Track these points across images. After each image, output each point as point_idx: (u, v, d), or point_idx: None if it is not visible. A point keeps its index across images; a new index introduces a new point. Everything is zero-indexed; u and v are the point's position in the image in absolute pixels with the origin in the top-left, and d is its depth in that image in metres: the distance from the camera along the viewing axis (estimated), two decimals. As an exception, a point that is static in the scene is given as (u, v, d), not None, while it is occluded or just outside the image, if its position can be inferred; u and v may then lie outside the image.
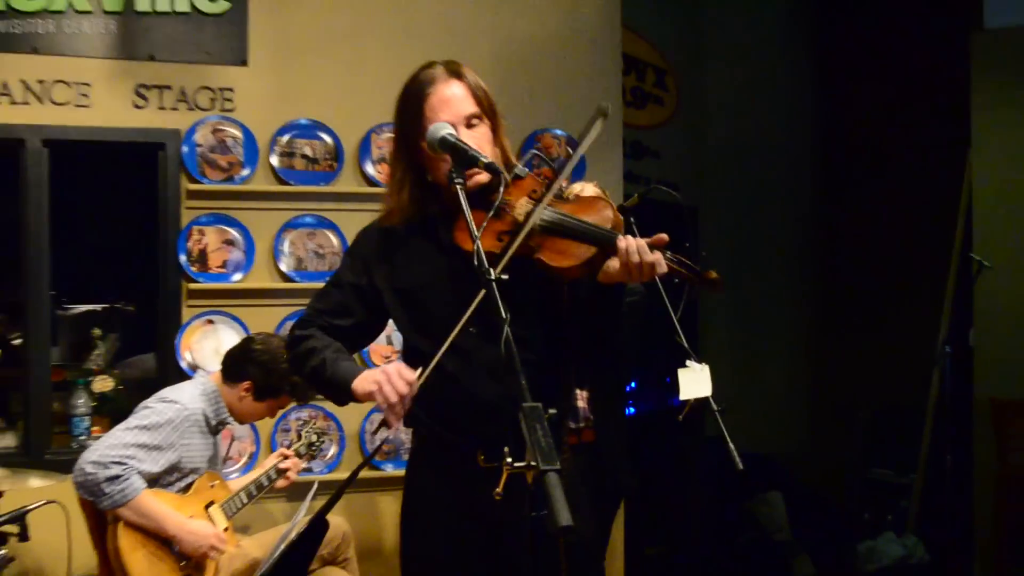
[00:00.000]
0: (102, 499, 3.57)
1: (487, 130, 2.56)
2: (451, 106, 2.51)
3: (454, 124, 2.49)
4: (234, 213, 4.76)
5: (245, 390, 3.94)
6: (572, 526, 1.79)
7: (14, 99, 4.56)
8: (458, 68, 2.58)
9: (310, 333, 2.66)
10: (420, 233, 2.59)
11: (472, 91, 2.55)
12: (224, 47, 4.78)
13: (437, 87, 2.52)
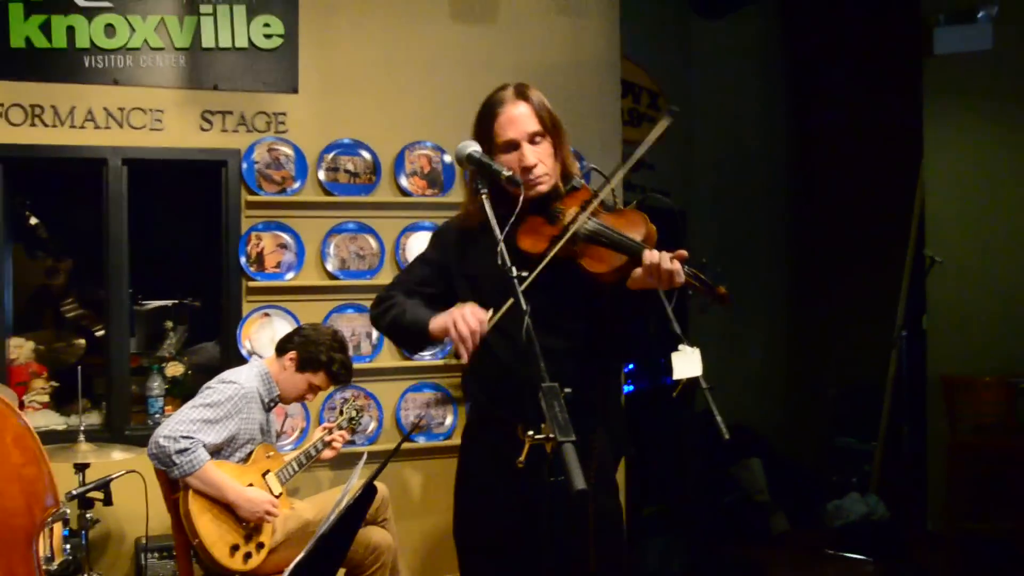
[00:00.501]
0: (172, 469, 3.59)
1: (549, 146, 2.58)
2: (517, 124, 2.54)
3: (519, 140, 2.53)
4: (287, 220, 4.79)
5: (290, 360, 3.95)
6: (586, 489, 1.82)
7: (97, 124, 4.58)
8: (525, 91, 2.60)
9: (393, 294, 2.73)
10: (486, 231, 2.51)
11: (536, 111, 2.57)
12: (278, 77, 4.81)
13: (506, 107, 2.57)
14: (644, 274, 2.37)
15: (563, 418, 1.93)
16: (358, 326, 4.80)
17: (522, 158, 2.53)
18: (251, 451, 3.85)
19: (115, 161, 4.60)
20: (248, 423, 3.83)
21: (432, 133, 4.99)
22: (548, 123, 2.58)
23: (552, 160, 2.58)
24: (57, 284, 5.87)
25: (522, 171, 2.52)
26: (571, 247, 2.48)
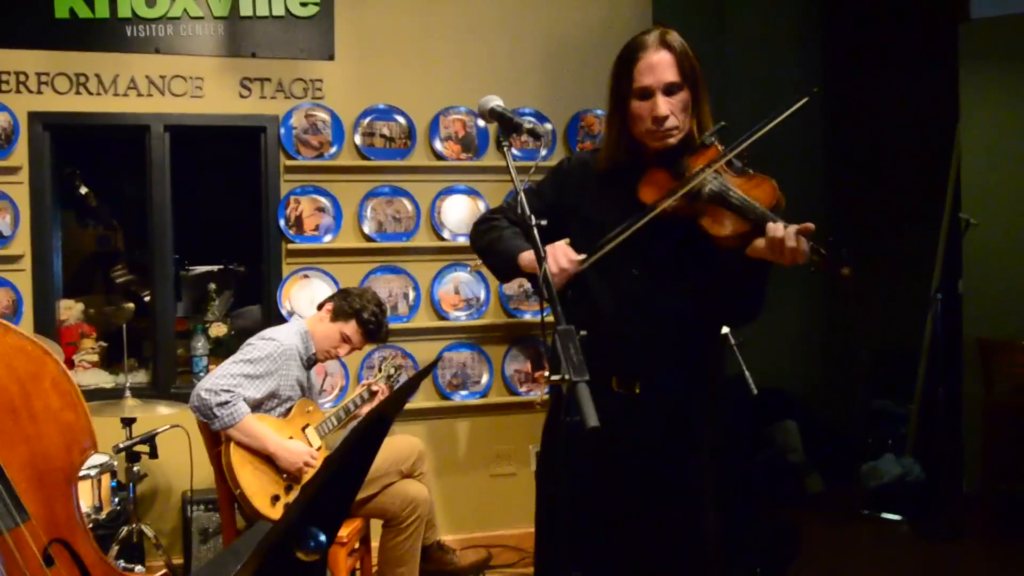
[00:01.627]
0: (214, 421, 3.61)
1: (686, 97, 2.41)
2: (655, 72, 2.38)
3: (655, 89, 2.38)
4: (324, 185, 4.81)
5: (326, 311, 3.97)
6: (599, 426, 1.81)
7: (140, 92, 4.63)
8: (669, 38, 2.42)
9: (497, 217, 2.70)
10: (616, 178, 2.51)
11: (678, 61, 2.39)
12: (314, 44, 4.82)
13: (647, 53, 2.40)
14: (766, 246, 2.25)
15: (578, 359, 1.92)
16: (395, 287, 4.82)
17: (655, 108, 2.38)
18: (291, 406, 3.88)
19: (157, 128, 4.64)
20: (287, 379, 3.85)
21: (466, 98, 4.98)
22: (689, 74, 2.40)
23: (685, 114, 2.43)
24: (107, 251, 5.96)
25: (653, 121, 2.40)
26: (693, 205, 2.37)
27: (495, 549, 4.85)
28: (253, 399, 3.71)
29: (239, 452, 3.65)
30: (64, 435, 2.17)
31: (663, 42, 2.41)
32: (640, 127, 2.44)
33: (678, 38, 2.44)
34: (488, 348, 5.02)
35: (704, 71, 2.47)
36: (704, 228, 2.38)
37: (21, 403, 2.09)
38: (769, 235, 2.24)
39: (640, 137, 2.46)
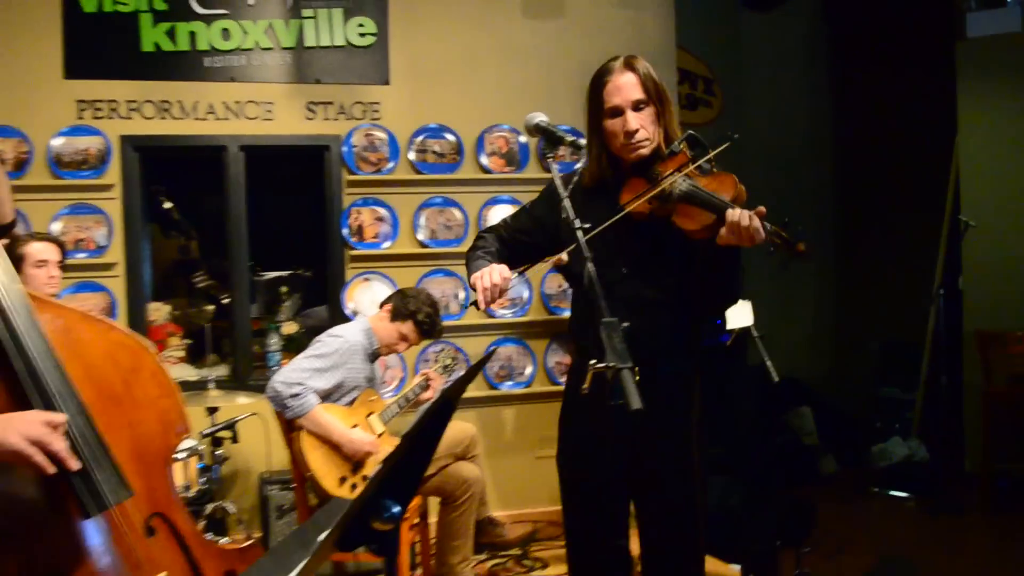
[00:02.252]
0: (287, 411, 3.63)
1: (653, 112, 2.46)
2: (622, 92, 2.44)
3: (623, 107, 2.43)
4: (382, 197, 4.84)
5: (385, 311, 3.97)
6: (643, 408, 1.81)
7: (217, 116, 4.68)
8: (633, 61, 2.48)
9: (487, 238, 2.73)
10: (601, 191, 2.53)
11: (642, 81, 2.44)
12: (371, 71, 4.85)
13: (614, 76, 2.46)
14: (728, 231, 2.27)
15: (621, 348, 1.93)
16: (447, 288, 4.84)
17: (625, 123, 2.44)
18: (356, 396, 3.90)
19: (233, 148, 4.69)
20: (353, 372, 3.86)
21: (508, 117, 4.99)
22: (652, 92, 2.45)
23: (654, 126, 2.47)
24: (187, 259, 6.01)
25: (625, 135, 2.44)
26: (666, 206, 2.40)
27: (540, 524, 4.85)
28: (322, 390, 3.72)
29: (309, 438, 3.67)
30: (161, 420, 2.20)
31: (628, 65, 2.47)
32: (615, 142, 2.48)
33: (641, 62, 2.49)
34: (531, 342, 5.02)
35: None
36: (677, 224, 2.40)
37: (124, 392, 2.12)
38: (728, 220, 2.26)
39: (617, 152, 2.50)
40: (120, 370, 2.15)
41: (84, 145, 4.53)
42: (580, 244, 2.19)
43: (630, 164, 2.51)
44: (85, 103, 4.53)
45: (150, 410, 2.18)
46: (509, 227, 2.76)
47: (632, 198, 2.45)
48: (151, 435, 2.17)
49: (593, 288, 2.08)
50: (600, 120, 2.50)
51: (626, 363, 1.88)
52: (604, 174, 2.55)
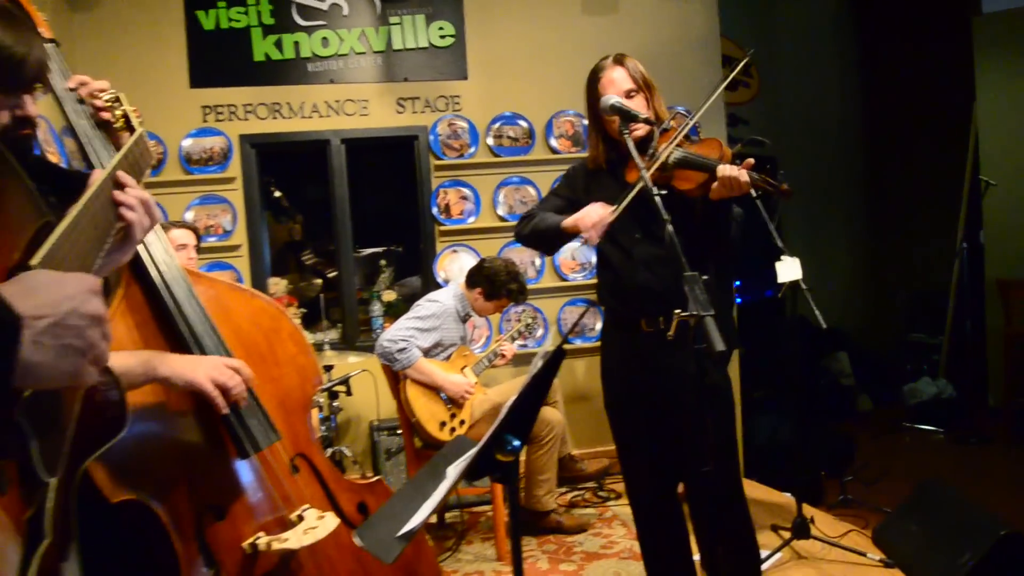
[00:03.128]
0: (394, 364, 3.68)
1: (643, 99, 2.55)
2: (615, 84, 2.53)
3: (617, 96, 2.48)
4: (466, 178, 4.83)
5: (479, 294, 3.98)
6: (726, 350, 1.78)
7: (321, 114, 4.70)
8: (622, 58, 2.59)
9: (534, 213, 2.76)
10: (607, 172, 2.59)
11: (630, 73, 2.55)
12: (452, 68, 4.82)
13: (606, 72, 2.56)
14: (720, 185, 2.33)
15: (704, 298, 1.89)
16: (525, 256, 4.81)
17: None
18: (452, 352, 3.91)
19: (336, 141, 4.70)
20: (449, 331, 3.89)
21: (573, 103, 4.92)
22: (640, 81, 2.55)
23: (647, 110, 2.53)
24: (297, 240, 6.08)
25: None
26: (665, 174, 2.45)
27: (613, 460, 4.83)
28: (424, 347, 3.75)
29: (414, 388, 3.71)
30: (299, 374, 2.21)
31: (617, 61, 2.57)
32: (613, 127, 2.50)
33: (629, 59, 2.59)
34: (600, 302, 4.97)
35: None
36: (676, 188, 2.44)
37: (267, 351, 2.13)
38: (720, 175, 2.33)
39: (616, 135, 2.51)
40: (263, 331, 2.16)
41: (209, 144, 4.58)
42: (660, 209, 2.14)
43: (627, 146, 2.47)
44: (209, 108, 4.58)
45: (290, 366, 2.19)
46: (543, 210, 2.77)
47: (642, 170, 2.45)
48: (292, 387, 2.19)
49: (674, 246, 2.04)
50: (598, 111, 2.54)
51: (708, 311, 1.84)
52: (604, 157, 2.61)
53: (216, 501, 1.96)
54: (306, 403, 2.22)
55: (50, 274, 0.83)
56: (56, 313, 0.77)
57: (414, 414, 3.67)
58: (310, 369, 2.24)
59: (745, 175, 2.31)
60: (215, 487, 1.97)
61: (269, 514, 2.00)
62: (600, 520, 4.15)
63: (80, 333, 0.79)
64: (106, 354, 0.85)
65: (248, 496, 1.99)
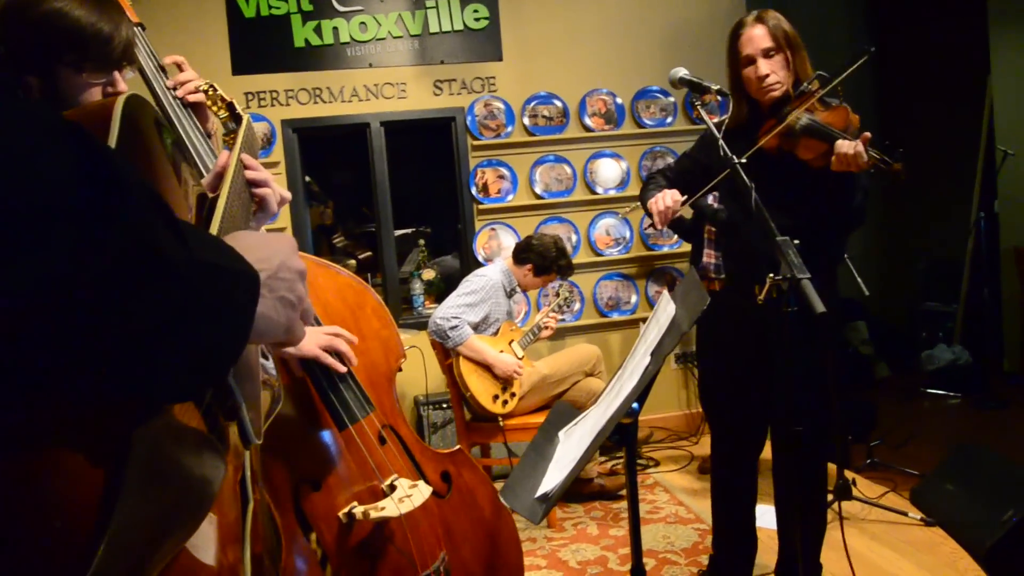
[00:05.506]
0: (447, 341, 3.67)
1: (783, 59, 2.39)
2: (754, 42, 2.39)
3: (755, 55, 2.38)
4: (502, 157, 4.77)
5: (529, 270, 3.95)
6: (827, 312, 1.75)
7: (360, 98, 4.64)
8: (763, 15, 2.43)
9: (656, 178, 2.74)
10: (743, 133, 2.47)
11: (771, 31, 2.38)
12: (487, 50, 4.76)
13: (746, 29, 2.42)
14: (836, 159, 2.25)
15: (798, 261, 1.87)
16: (561, 233, 4.75)
17: (756, 69, 2.39)
18: (499, 327, 3.90)
19: (375, 124, 4.65)
20: (496, 306, 3.87)
21: (606, 81, 4.87)
22: (782, 40, 2.39)
23: (785, 71, 2.40)
24: (328, 224, 6.06)
25: (757, 80, 2.40)
26: (791, 140, 2.36)
27: (652, 429, 4.85)
28: (473, 322, 3.74)
29: (466, 364, 3.69)
30: (384, 347, 2.20)
31: (758, 19, 2.42)
32: (751, 87, 2.44)
33: (773, 14, 2.42)
34: (634, 276, 4.94)
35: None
36: (799, 156, 2.36)
37: (353, 325, 2.12)
38: (835, 150, 2.24)
39: (753, 95, 2.45)
40: (349, 307, 2.15)
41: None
42: (742, 176, 2.12)
43: (766, 107, 2.45)
44: (251, 94, 4.53)
45: (375, 339, 2.18)
46: (672, 169, 2.77)
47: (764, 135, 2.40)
48: (377, 360, 2.18)
49: (761, 211, 2.01)
50: (738, 68, 2.45)
51: (804, 274, 1.82)
52: (743, 117, 2.50)
53: (312, 473, 1.95)
54: (390, 376, 2.21)
55: (255, 234, 0.82)
56: (270, 267, 0.77)
57: (468, 388, 3.66)
58: (393, 342, 2.23)
59: (863, 152, 2.21)
60: (311, 460, 1.97)
61: (362, 484, 2.00)
62: (643, 487, 4.14)
63: (292, 286, 0.79)
64: (312, 309, 0.84)
65: (342, 467, 1.98)
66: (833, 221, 2.48)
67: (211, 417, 0.77)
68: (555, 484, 1.24)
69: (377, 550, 1.97)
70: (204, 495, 0.70)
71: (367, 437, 2.02)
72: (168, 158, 1.00)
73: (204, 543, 0.74)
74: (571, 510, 3.90)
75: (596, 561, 3.30)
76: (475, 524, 2.23)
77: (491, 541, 2.27)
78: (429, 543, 2.04)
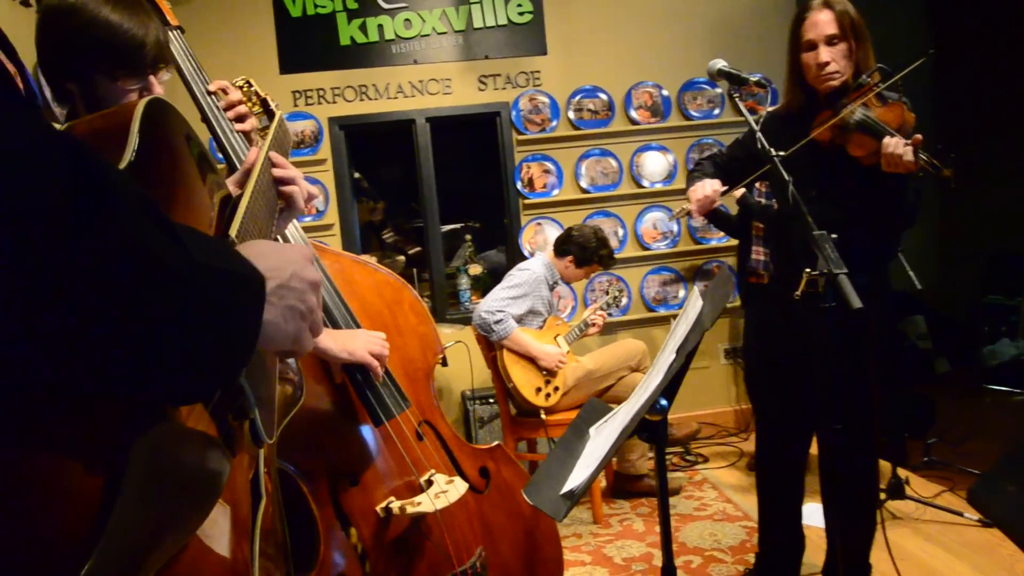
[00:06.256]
0: (492, 335, 3.65)
1: (846, 48, 2.29)
2: (817, 27, 2.29)
3: (817, 41, 2.29)
4: (548, 152, 4.76)
5: (570, 261, 3.93)
6: (863, 307, 1.70)
7: (405, 94, 4.67)
8: (832, 0, 2.31)
9: (704, 163, 2.69)
10: (795, 122, 2.41)
11: (837, 17, 2.28)
12: (531, 44, 4.74)
13: (812, 13, 2.32)
14: (884, 160, 2.16)
15: (835, 256, 1.82)
16: (607, 227, 4.72)
17: (817, 56, 2.30)
18: (544, 320, 3.88)
19: (421, 120, 4.67)
20: (539, 299, 3.86)
21: (651, 74, 4.81)
22: (848, 28, 2.28)
23: (846, 61, 2.30)
24: (377, 220, 6.11)
25: (817, 67, 2.31)
26: (844, 135, 2.28)
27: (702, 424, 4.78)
28: (517, 315, 3.73)
29: (510, 356, 3.69)
30: (421, 343, 2.20)
31: (826, 3, 2.30)
32: (809, 74, 2.35)
33: (841, 0, 2.31)
34: (682, 270, 4.88)
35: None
36: (849, 152, 2.28)
37: (391, 321, 2.13)
38: (882, 149, 2.17)
39: (811, 83, 2.36)
40: (386, 303, 2.16)
41: (301, 128, 4.60)
42: (780, 171, 2.06)
43: (823, 96, 2.36)
44: (299, 92, 4.58)
45: (412, 335, 2.18)
46: (723, 154, 2.71)
47: (817, 126, 2.32)
48: (414, 356, 2.18)
49: (798, 206, 1.95)
50: (798, 53, 2.35)
51: (841, 269, 1.77)
52: (798, 104, 2.42)
53: (350, 468, 1.97)
54: (428, 371, 2.21)
55: (269, 243, 0.82)
56: (281, 276, 0.77)
57: (511, 380, 3.65)
58: (431, 338, 2.23)
59: (910, 155, 2.13)
60: (349, 455, 1.98)
61: (399, 479, 2.00)
62: (691, 483, 4.09)
63: (302, 296, 0.79)
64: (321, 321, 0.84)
65: (380, 463, 1.99)
66: (883, 219, 2.40)
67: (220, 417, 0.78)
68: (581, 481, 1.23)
69: (414, 545, 1.98)
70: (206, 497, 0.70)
71: (403, 433, 2.03)
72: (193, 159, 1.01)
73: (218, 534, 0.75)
74: (618, 506, 3.87)
75: (641, 558, 3.27)
76: (513, 520, 2.23)
77: (530, 537, 2.26)
78: (465, 539, 2.04)
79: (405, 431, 2.03)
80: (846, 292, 1.72)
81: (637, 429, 1.50)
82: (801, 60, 2.35)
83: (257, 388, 0.86)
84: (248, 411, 0.84)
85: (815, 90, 2.37)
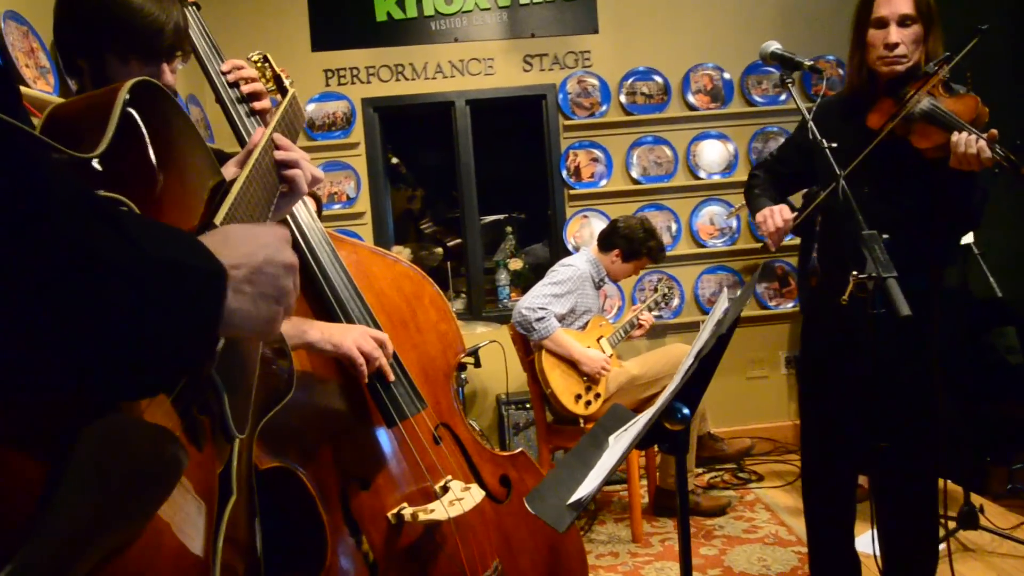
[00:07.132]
0: (532, 333, 3.66)
1: (919, 31, 2.27)
2: (891, 4, 2.26)
3: (889, 19, 2.26)
4: (596, 139, 4.77)
5: (616, 255, 3.93)
6: (911, 315, 1.70)
7: (444, 75, 4.72)
8: None
9: (759, 175, 2.69)
10: (852, 109, 2.39)
11: None
12: (581, 21, 4.75)
13: None
14: (955, 154, 2.13)
15: (884, 258, 1.81)
16: (659, 221, 4.72)
17: (887, 36, 2.27)
18: (588, 321, 3.89)
19: (460, 103, 4.72)
20: (583, 298, 3.87)
21: (712, 55, 4.79)
22: (924, 10, 2.26)
23: (915, 45, 2.28)
24: (415, 208, 6.18)
25: (884, 47, 2.28)
26: (908, 125, 2.26)
27: (756, 440, 4.74)
28: (559, 314, 3.74)
29: (549, 359, 3.69)
30: (441, 341, 2.24)
31: None
32: (873, 54, 2.32)
33: None
34: (741, 270, 4.85)
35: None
36: (912, 143, 2.26)
37: (410, 317, 2.17)
38: (952, 142, 2.14)
39: (872, 64, 2.34)
40: (405, 297, 2.20)
41: (332, 109, 4.68)
42: (831, 162, 2.05)
43: (884, 81, 2.34)
44: (331, 71, 4.67)
45: (432, 332, 2.22)
46: (776, 159, 2.71)
47: (884, 120, 2.30)
48: (434, 354, 2.22)
49: (849, 203, 1.95)
50: (865, 28, 2.33)
51: (890, 272, 1.76)
52: (859, 85, 2.39)
53: (361, 471, 2.02)
54: (448, 372, 2.25)
55: (244, 226, 0.87)
56: (252, 262, 0.81)
57: (548, 385, 3.66)
58: (452, 336, 2.27)
59: (987, 150, 2.10)
60: (360, 457, 2.03)
61: (413, 484, 2.05)
62: (741, 503, 4.08)
63: (275, 281, 0.83)
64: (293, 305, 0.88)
65: (392, 466, 2.04)
66: (943, 219, 2.37)
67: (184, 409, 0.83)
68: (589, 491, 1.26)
69: (427, 555, 2.02)
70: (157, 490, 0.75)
71: (418, 436, 2.07)
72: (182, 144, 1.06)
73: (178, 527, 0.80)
74: (660, 524, 3.88)
75: (681, 581, 3.28)
76: (535, 533, 2.26)
77: (553, 552, 2.29)
78: (481, 550, 2.08)
79: (420, 434, 2.07)
80: (894, 297, 1.72)
81: (658, 440, 1.52)
82: (867, 37, 2.32)
83: (230, 379, 0.90)
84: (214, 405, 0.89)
85: (876, 73, 2.34)
